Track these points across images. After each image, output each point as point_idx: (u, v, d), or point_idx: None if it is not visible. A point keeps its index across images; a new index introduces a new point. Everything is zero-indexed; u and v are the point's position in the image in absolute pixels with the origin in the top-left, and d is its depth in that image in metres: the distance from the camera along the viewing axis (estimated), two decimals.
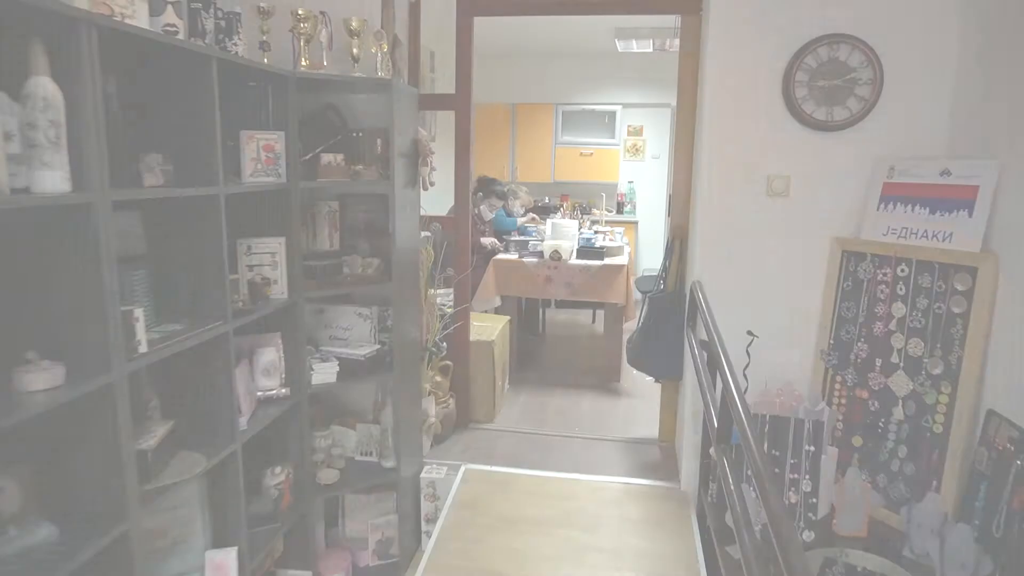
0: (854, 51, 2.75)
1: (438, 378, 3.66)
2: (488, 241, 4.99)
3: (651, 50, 6.42)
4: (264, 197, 2.53)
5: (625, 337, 5.21)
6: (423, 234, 3.52)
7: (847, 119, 2.79)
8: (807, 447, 2.51)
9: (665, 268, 3.54)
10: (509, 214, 5.83)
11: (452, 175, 3.73)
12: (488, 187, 5.16)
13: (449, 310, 3.83)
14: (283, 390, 2.57)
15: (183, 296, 2.12)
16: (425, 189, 3.13)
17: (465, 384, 3.85)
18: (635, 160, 7.55)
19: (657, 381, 3.66)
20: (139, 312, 1.72)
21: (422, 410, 3.37)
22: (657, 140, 7.48)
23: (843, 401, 2.82)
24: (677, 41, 6.21)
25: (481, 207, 5.18)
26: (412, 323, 3.15)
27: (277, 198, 2.54)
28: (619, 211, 7.48)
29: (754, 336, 2.82)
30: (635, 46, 6.30)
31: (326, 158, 2.72)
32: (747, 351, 2.85)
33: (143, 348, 1.74)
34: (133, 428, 1.89)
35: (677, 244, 3.46)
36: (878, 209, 2.74)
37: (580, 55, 7.33)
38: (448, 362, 3.71)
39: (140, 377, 2.07)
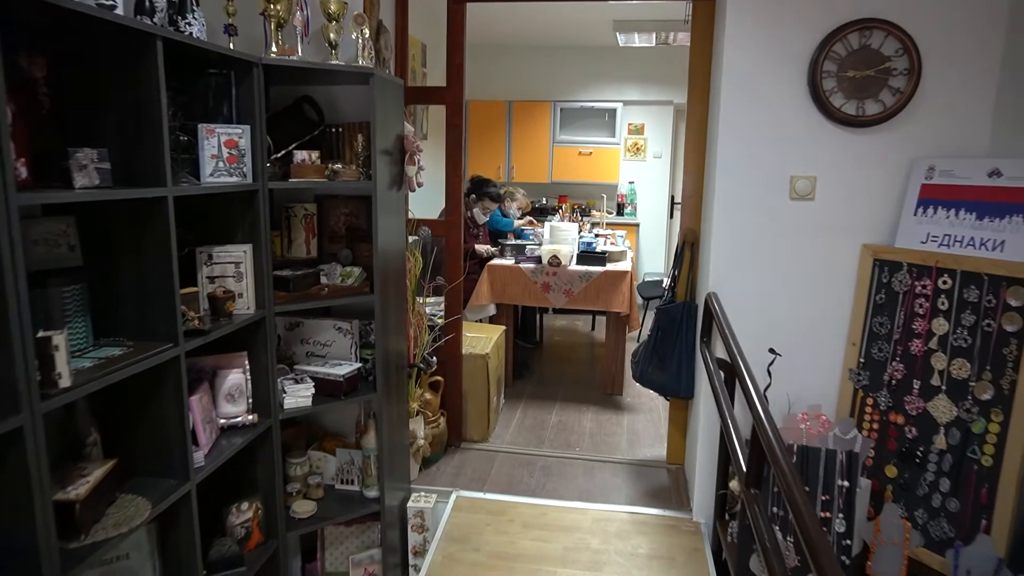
0: (889, 38, 2.47)
1: (428, 395, 3.37)
2: (483, 249, 4.70)
3: (653, 44, 6.15)
4: (228, 200, 2.25)
5: (629, 348, 4.94)
6: (410, 238, 3.23)
7: (880, 113, 2.51)
8: (840, 482, 2.23)
9: (674, 276, 3.26)
10: (505, 216, 5.54)
11: (443, 175, 3.44)
12: (482, 188, 4.87)
13: (440, 321, 3.54)
14: (250, 417, 2.28)
15: (128, 315, 1.83)
16: (412, 190, 2.85)
17: (457, 401, 3.56)
18: (636, 160, 7.27)
19: (667, 399, 3.38)
20: (59, 339, 1.43)
21: (409, 432, 3.08)
22: (659, 139, 7.21)
23: (875, 426, 2.55)
24: (681, 35, 5.98)
25: (474, 210, 4.89)
26: (398, 337, 2.86)
27: (243, 201, 2.25)
28: (619, 212, 7.20)
29: (777, 355, 2.54)
30: (637, 40, 6.02)
31: (300, 156, 2.43)
32: (768, 370, 2.58)
33: (65, 382, 1.44)
34: (59, 474, 1.61)
35: (688, 250, 3.18)
36: (915, 214, 2.46)
37: (579, 50, 7.05)
38: (438, 378, 3.43)
39: (76, 410, 1.78)
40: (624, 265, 4.39)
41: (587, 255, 4.36)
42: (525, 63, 7.18)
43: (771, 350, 2.56)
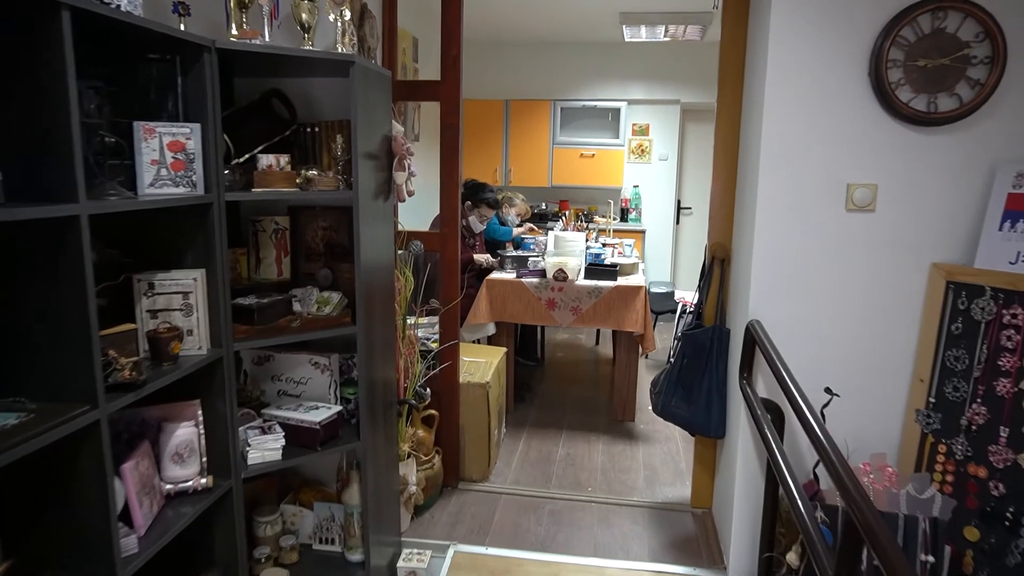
0: (967, 20, 2.08)
1: (421, 432, 2.96)
2: (483, 258, 4.30)
3: (662, 38, 5.75)
4: (175, 216, 1.84)
5: (642, 370, 4.56)
6: (399, 253, 2.83)
7: (955, 110, 2.12)
8: (923, 557, 1.84)
9: (702, 296, 2.86)
10: (503, 223, 5.13)
11: (434, 180, 3.03)
12: (478, 194, 4.47)
13: (434, 345, 3.14)
14: (203, 480, 1.87)
15: (34, 367, 1.42)
16: (402, 199, 2.44)
17: (454, 437, 3.16)
18: (641, 162, 6.87)
19: (692, 435, 2.98)
20: None
21: (399, 478, 2.67)
22: (665, 140, 6.82)
23: (948, 478, 2.15)
24: (691, 28, 5.58)
25: (470, 218, 4.49)
26: (386, 370, 2.46)
27: (194, 216, 1.84)
28: (623, 218, 6.80)
29: (834, 395, 2.15)
30: (644, 33, 5.62)
31: (265, 160, 2.02)
32: (821, 413, 2.18)
33: None
34: None
35: (717, 268, 2.79)
36: (1001, 229, 2.07)
37: (581, 45, 6.65)
38: (433, 412, 3.02)
39: None
40: (636, 279, 3.99)
41: (596, 268, 3.96)
42: (523, 59, 6.78)
43: (827, 390, 2.16)
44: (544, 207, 6.78)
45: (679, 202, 6.99)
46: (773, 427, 2.12)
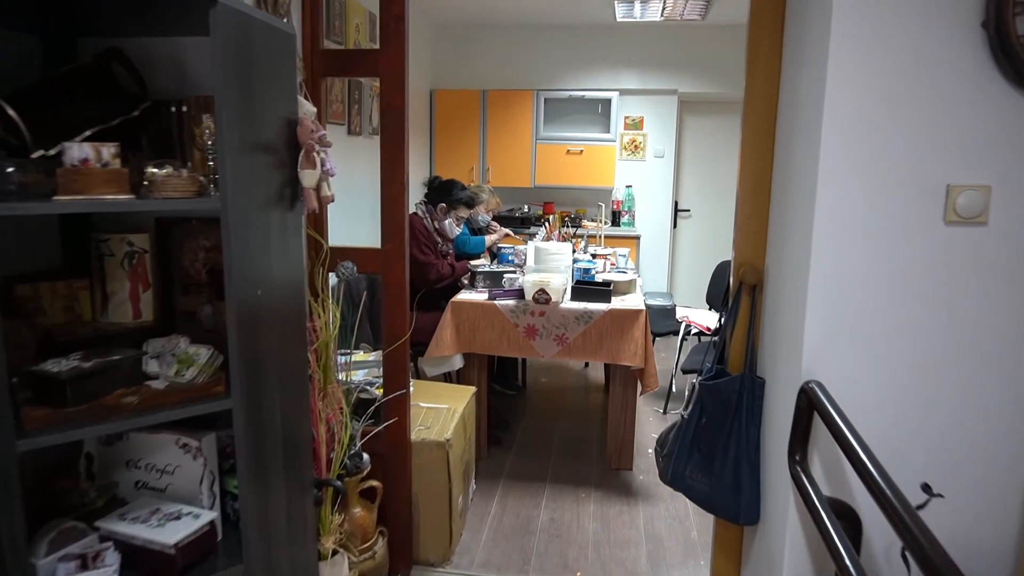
0: None
1: (358, 512, 2.26)
2: (466, 264, 3.66)
3: (659, 18, 5.08)
4: None
5: (641, 408, 3.88)
6: (331, 277, 2.13)
7: None
8: None
9: (725, 332, 2.18)
10: (475, 229, 4.44)
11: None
12: (452, 193, 3.78)
13: (379, 391, 2.43)
14: None
15: None
16: (313, 208, 1.73)
17: (404, 512, 2.46)
18: (634, 159, 6.19)
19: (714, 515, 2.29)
20: None
21: None
22: (661, 135, 6.14)
23: None
24: (691, 5, 4.90)
25: (445, 221, 3.79)
26: (291, 449, 1.75)
27: None
28: (615, 222, 6.13)
29: (934, 495, 1.47)
30: (638, 12, 4.94)
31: (76, 153, 1.31)
32: None
33: None
34: None
35: (747, 296, 2.11)
36: None
37: (567, 28, 5.97)
38: (374, 483, 2.32)
39: None
40: (635, 300, 3.30)
41: (585, 287, 3.27)
42: (502, 44, 6.09)
43: (925, 488, 1.48)
44: (526, 210, 6.09)
45: (676, 204, 6.32)
46: (847, 538, 1.43)
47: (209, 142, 1.48)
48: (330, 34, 3.67)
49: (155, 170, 1.40)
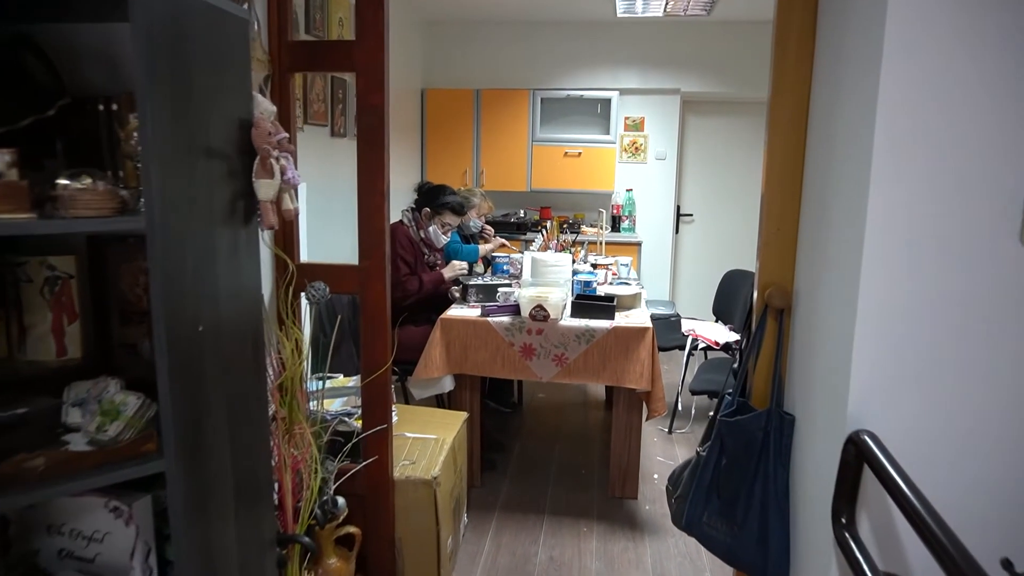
0: None
1: (332, 561, 2.00)
2: (456, 271, 3.42)
3: (662, 14, 4.82)
4: None
5: (647, 431, 3.63)
6: (303, 298, 1.88)
7: None
8: None
9: (746, 361, 1.93)
10: (467, 237, 4.18)
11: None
12: (438, 198, 3.52)
13: (357, 423, 2.18)
14: None
15: None
16: (271, 226, 1.47)
17: (386, 558, 2.20)
18: (635, 162, 5.94)
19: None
20: None
21: None
22: (663, 136, 5.89)
23: None
24: (696, 1, 4.64)
25: (430, 229, 3.53)
26: (246, 507, 1.49)
27: None
28: (614, 227, 5.87)
29: (1017, 574, 1.21)
30: (640, 8, 4.69)
31: None
32: None
33: None
34: None
35: (774, 322, 1.86)
36: None
37: (565, 25, 5.72)
38: (352, 529, 2.06)
39: None
40: (640, 316, 3.05)
41: (587, 302, 3.01)
42: (497, 42, 5.83)
43: (1005, 563, 1.23)
44: (522, 215, 5.83)
45: (679, 208, 6.07)
46: None
47: (129, 142, 1.23)
48: (310, 28, 3.41)
49: (67, 182, 1.14)
